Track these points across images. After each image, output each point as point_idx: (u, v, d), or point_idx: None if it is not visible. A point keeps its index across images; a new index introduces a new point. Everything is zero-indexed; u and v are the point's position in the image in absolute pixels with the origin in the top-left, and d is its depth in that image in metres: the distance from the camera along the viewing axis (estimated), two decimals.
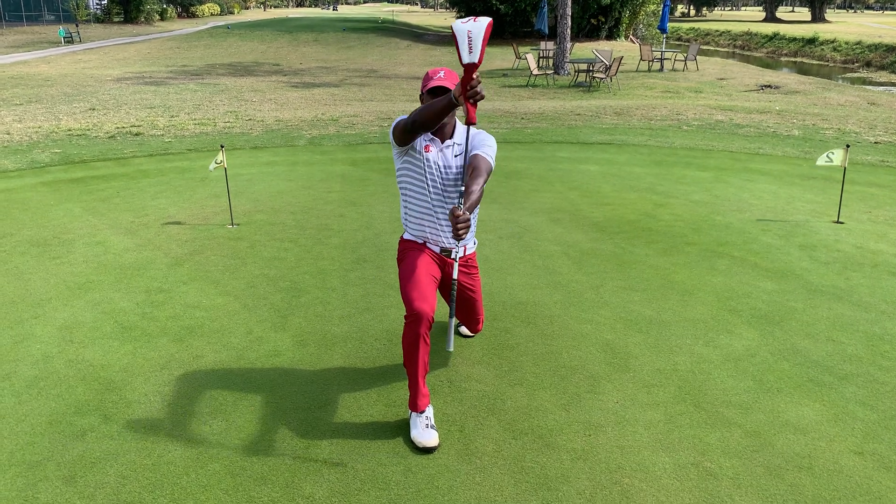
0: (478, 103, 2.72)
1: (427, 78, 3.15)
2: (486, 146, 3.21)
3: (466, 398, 3.44)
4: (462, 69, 2.73)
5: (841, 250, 5.50)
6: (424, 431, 3.05)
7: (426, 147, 3.22)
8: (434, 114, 2.88)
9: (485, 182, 3.06)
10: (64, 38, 35.20)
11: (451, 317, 2.90)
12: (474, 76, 2.69)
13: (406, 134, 3.07)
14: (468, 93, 2.69)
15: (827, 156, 5.95)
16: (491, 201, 6.94)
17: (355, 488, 2.80)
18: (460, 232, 2.74)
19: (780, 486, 2.80)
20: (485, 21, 2.71)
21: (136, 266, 5.21)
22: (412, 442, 3.07)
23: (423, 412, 3.12)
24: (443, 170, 3.22)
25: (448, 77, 3.11)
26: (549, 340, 4.03)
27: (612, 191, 7.39)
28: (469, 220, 2.76)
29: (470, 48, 2.69)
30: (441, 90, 3.11)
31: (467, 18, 2.77)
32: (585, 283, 4.86)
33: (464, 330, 4.07)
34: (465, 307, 3.66)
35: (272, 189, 7.49)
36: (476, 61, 2.70)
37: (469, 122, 2.81)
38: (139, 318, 4.34)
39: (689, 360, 3.81)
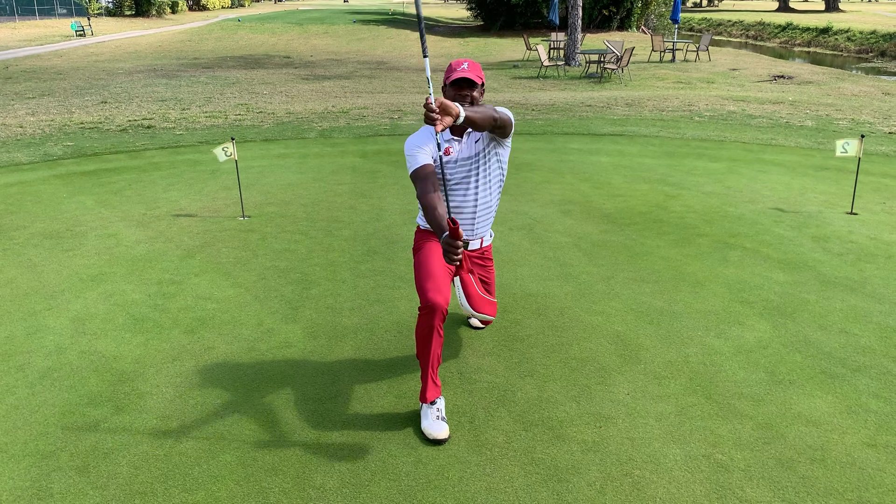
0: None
1: (450, 69, 3.10)
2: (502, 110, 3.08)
3: (477, 390, 3.44)
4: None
5: (854, 241, 5.45)
6: (435, 423, 3.06)
7: (446, 150, 3.20)
8: (428, 219, 2.94)
9: (494, 117, 2.89)
10: (76, 31, 35.34)
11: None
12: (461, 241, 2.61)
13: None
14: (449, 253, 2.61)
15: (843, 146, 5.86)
16: (501, 192, 6.92)
17: (366, 479, 2.81)
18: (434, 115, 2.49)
19: (792, 478, 2.78)
20: None
21: (148, 258, 5.24)
22: (422, 433, 3.07)
23: (433, 403, 3.12)
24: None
25: (471, 68, 3.06)
26: (559, 332, 4.02)
27: (623, 182, 7.35)
28: (436, 110, 2.49)
29: None
30: (464, 81, 3.06)
31: None
32: (596, 275, 4.84)
33: (474, 322, 4.07)
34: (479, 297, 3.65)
35: (283, 181, 7.51)
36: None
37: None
38: (151, 309, 4.37)
39: (701, 351, 3.79)
